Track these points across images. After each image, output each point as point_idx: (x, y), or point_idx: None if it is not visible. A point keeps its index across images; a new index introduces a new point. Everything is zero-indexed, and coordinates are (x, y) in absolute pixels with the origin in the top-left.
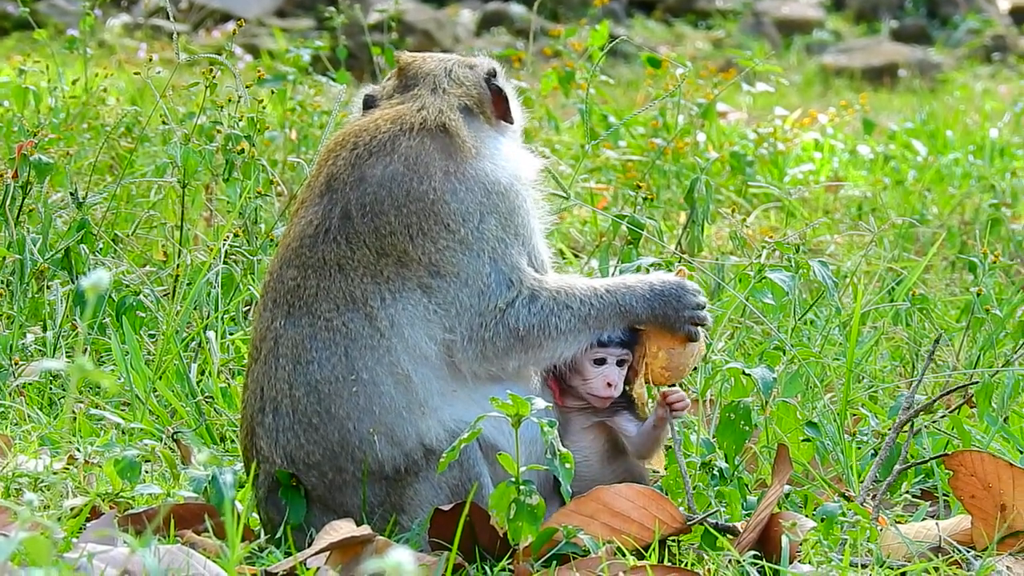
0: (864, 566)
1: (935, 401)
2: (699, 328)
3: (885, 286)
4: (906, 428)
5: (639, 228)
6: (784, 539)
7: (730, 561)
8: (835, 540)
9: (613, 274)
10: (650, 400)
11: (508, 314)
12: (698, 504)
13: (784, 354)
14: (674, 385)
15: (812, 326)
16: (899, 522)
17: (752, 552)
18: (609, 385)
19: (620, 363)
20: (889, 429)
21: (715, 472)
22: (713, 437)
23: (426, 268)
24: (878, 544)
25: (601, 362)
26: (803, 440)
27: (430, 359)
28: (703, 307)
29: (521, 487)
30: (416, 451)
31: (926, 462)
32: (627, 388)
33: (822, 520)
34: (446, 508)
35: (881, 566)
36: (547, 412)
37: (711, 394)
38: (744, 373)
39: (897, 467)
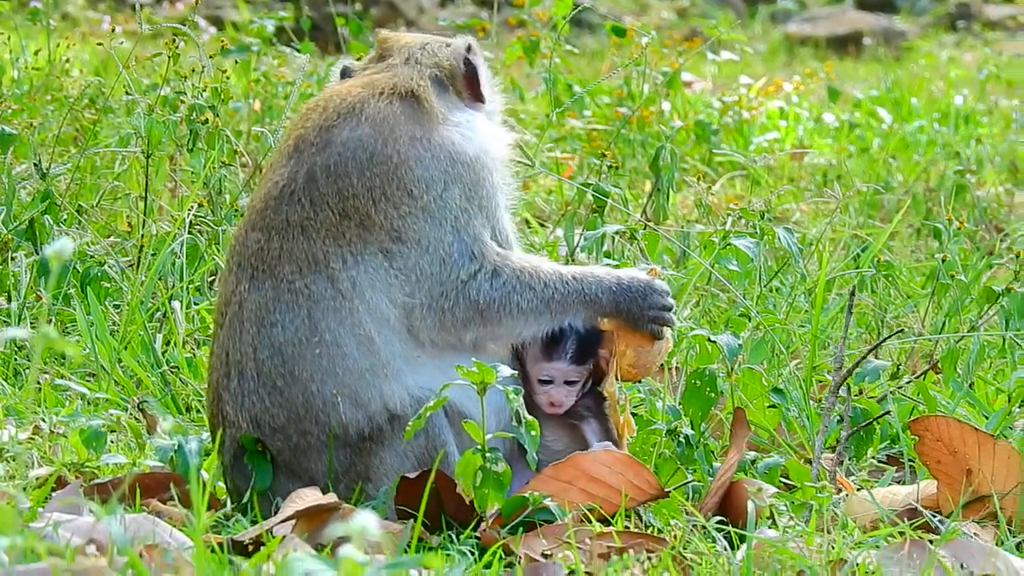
0: (830, 531)
1: (862, 359)
2: (663, 328)
3: (850, 253)
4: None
5: (604, 196)
6: (750, 504)
7: (694, 527)
8: (799, 507)
9: (579, 242)
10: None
11: (469, 286)
12: (665, 470)
13: (749, 321)
14: (640, 381)
15: (777, 293)
16: (865, 487)
17: (718, 518)
18: (552, 404)
19: (570, 382)
20: (855, 395)
21: (681, 439)
22: (679, 404)
23: (388, 233)
24: (843, 508)
25: (547, 382)
26: (769, 406)
27: (391, 323)
28: (669, 308)
29: (487, 454)
30: (380, 415)
31: (870, 422)
32: (598, 388)
33: (766, 473)
34: (412, 476)
35: (846, 530)
36: (513, 380)
37: (677, 361)
38: (710, 340)
39: (844, 433)
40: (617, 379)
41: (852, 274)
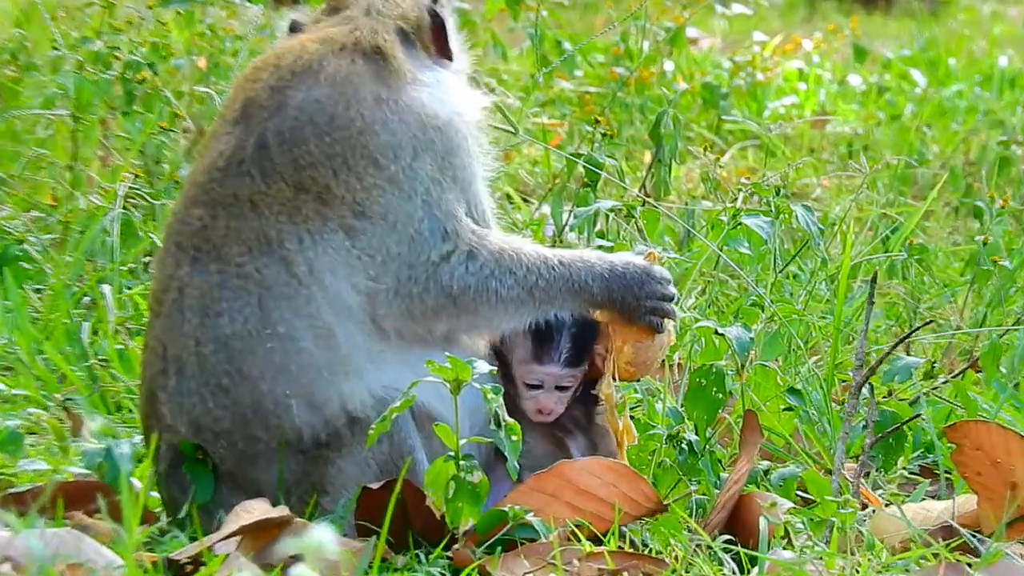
0: (854, 553)
1: (887, 354)
2: (663, 320)
3: (878, 235)
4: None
5: (597, 169)
6: (762, 520)
7: (698, 546)
8: (819, 525)
9: (568, 221)
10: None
11: (442, 269)
12: (664, 482)
13: (763, 311)
14: (639, 380)
15: (795, 280)
16: (894, 502)
17: (725, 536)
18: (540, 412)
19: (562, 388)
20: (883, 397)
21: (683, 446)
22: (681, 406)
23: (350, 207)
24: (868, 526)
25: (535, 387)
26: (784, 409)
27: (354, 312)
28: (670, 298)
29: (461, 462)
30: (338, 418)
31: (898, 427)
32: (593, 391)
33: (780, 485)
34: (375, 487)
35: (872, 551)
36: (491, 377)
37: (679, 357)
38: (717, 333)
39: (869, 440)
40: (614, 379)
41: (880, 259)
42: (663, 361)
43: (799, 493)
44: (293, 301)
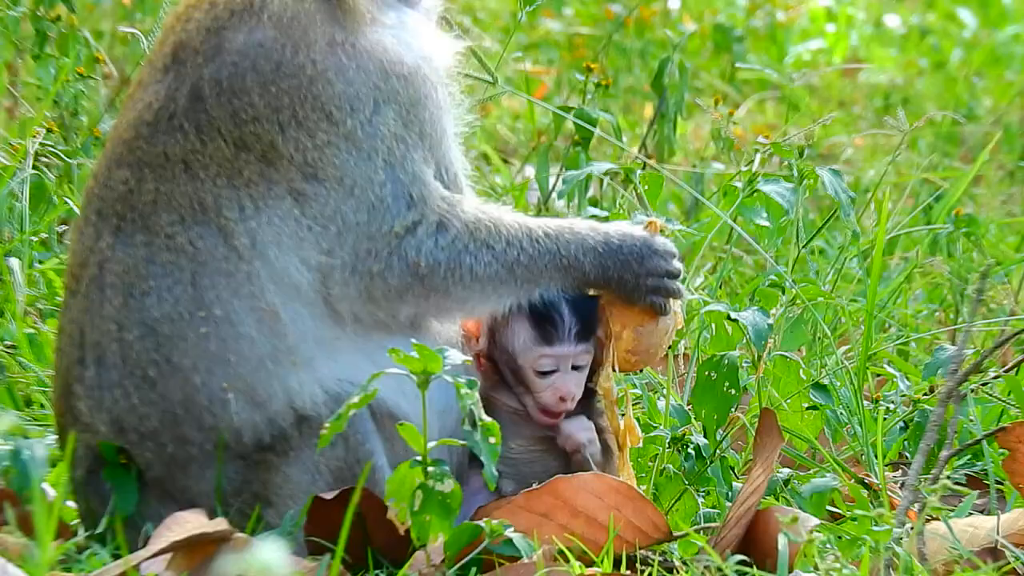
0: None
1: (985, 357)
2: (668, 301)
3: (920, 203)
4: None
5: (590, 125)
6: (781, 539)
7: (707, 568)
8: (849, 544)
9: (555, 185)
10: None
11: (406, 243)
12: (668, 492)
13: (783, 293)
14: (642, 371)
15: (821, 256)
16: (935, 518)
17: (739, 557)
18: (563, 400)
19: (577, 367)
20: (923, 394)
21: (690, 450)
22: (687, 403)
23: (299, 169)
24: (907, 545)
25: (548, 373)
26: (808, 408)
27: (303, 292)
28: (675, 275)
29: (429, 468)
30: (285, 417)
31: (976, 443)
32: (589, 383)
33: (811, 498)
34: (328, 497)
35: (910, 574)
36: (465, 369)
37: (685, 346)
38: (729, 318)
39: (944, 453)
40: (614, 370)
41: (922, 231)
42: (668, 349)
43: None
44: (232, 279)
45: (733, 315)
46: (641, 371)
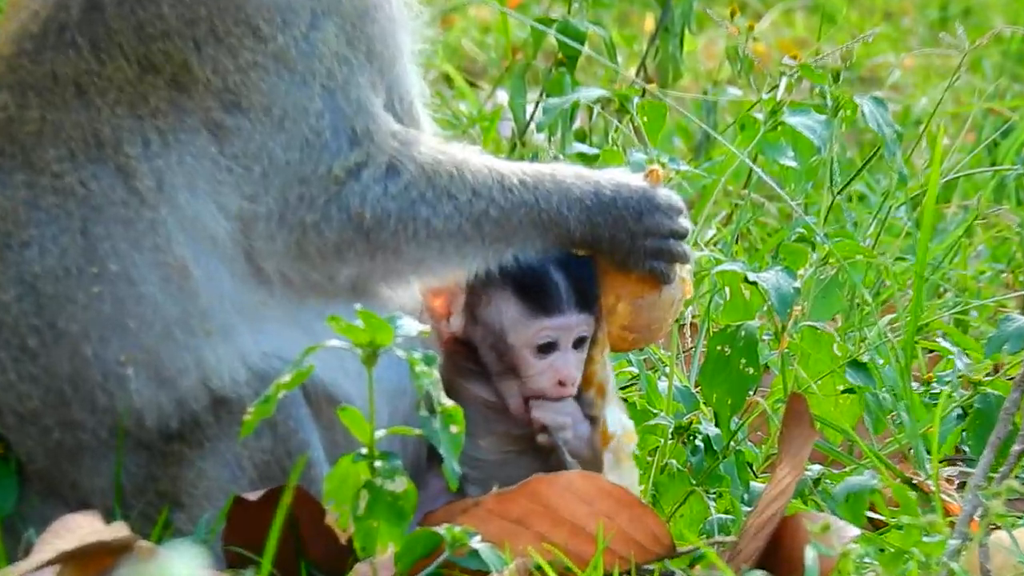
0: None
1: None
2: (671, 267)
3: (983, 139)
4: None
5: (576, 41)
6: (810, 552)
7: None
8: (893, 559)
9: (534, 115)
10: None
11: (349, 189)
12: (670, 495)
13: (813, 250)
14: (641, 351)
15: (861, 204)
16: (999, 527)
17: (759, 572)
18: (562, 384)
19: (578, 343)
20: (986, 375)
21: (698, 443)
22: (696, 385)
23: (218, 96)
24: (963, 560)
25: (548, 348)
26: (843, 391)
27: (221, 246)
28: (681, 235)
29: (377, 463)
30: (198, 398)
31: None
32: None
33: (846, 501)
34: (252, 497)
35: None
36: (423, 342)
37: (693, 314)
38: (748, 280)
39: (1017, 448)
40: (605, 355)
41: (985, 174)
42: (674, 324)
43: (868, 515)
44: (132, 227)
45: (752, 276)
46: (641, 351)
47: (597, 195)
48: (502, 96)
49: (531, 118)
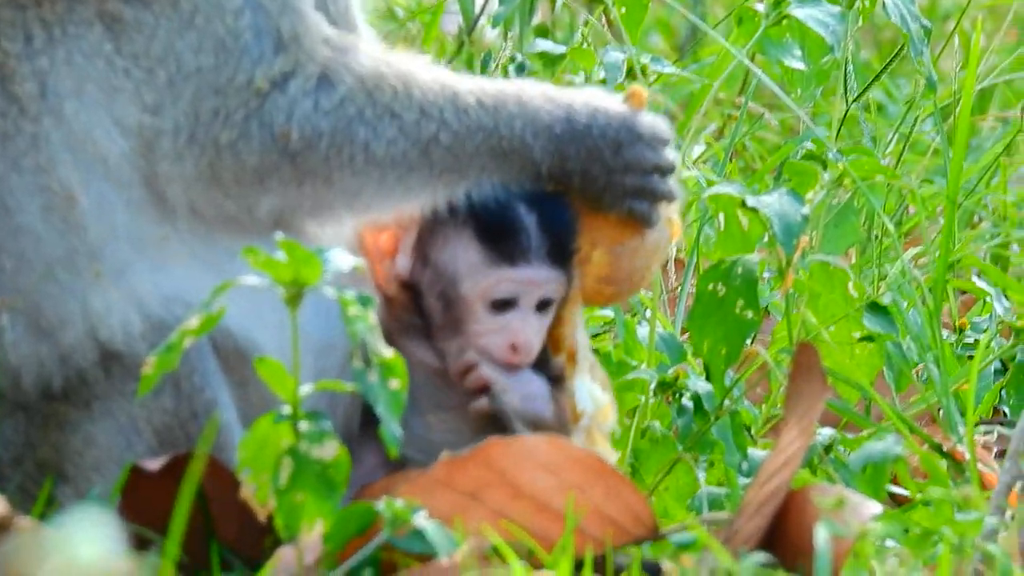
0: None
1: None
2: (654, 206)
3: None
4: None
5: None
6: (820, 532)
7: (713, 572)
8: (920, 540)
9: (485, 6)
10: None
11: (273, 103)
12: (652, 463)
13: (824, 169)
14: (622, 303)
15: (880, 115)
16: None
17: (760, 557)
18: (514, 349)
19: (543, 305)
20: None
21: (685, 401)
22: (683, 332)
23: None
24: (1004, 540)
25: (506, 304)
26: (860, 339)
27: (115, 168)
28: (665, 170)
29: (303, 425)
30: (85, 352)
31: None
32: None
33: (864, 472)
34: (152, 467)
35: None
36: (356, 279)
37: (680, 247)
38: (745, 205)
39: None
40: (578, 313)
41: None
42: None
43: (889, 489)
44: (9, 144)
45: (750, 201)
46: (623, 307)
47: (569, 121)
48: (452, 4)
49: (482, 11)
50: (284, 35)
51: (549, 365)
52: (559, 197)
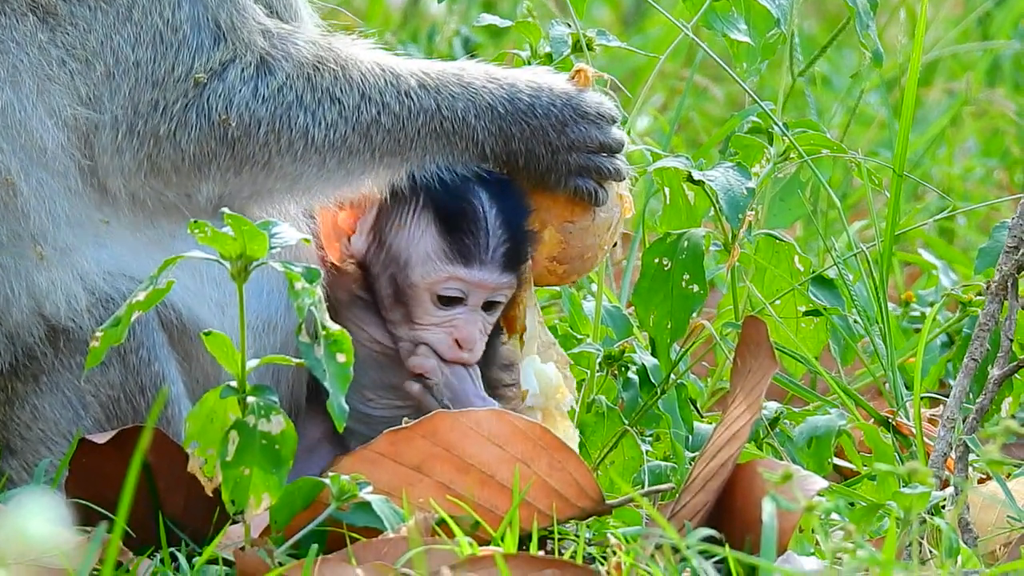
0: (925, 561)
1: None
2: (602, 185)
3: (972, 7)
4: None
5: None
6: (767, 506)
7: (659, 547)
8: (865, 514)
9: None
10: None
11: (212, 91)
12: (598, 437)
13: (770, 143)
14: (572, 284)
15: (825, 88)
16: (994, 473)
17: (707, 531)
18: (459, 345)
19: (490, 305)
20: (976, 295)
21: (631, 375)
22: (628, 305)
23: None
24: (951, 515)
25: (453, 301)
26: (806, 313)
27: (53, 159)
28: (614, 147)
29: (250, 398)
30: (31, 328)
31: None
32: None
33: (809, 446)
34: (99, 440)
35: (952, 558)
36: (304, 253)
37: (623, 222)
38: (691, 179)
39: (996, 372)
40: (531, 294)
41: (975, 50)
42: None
43: (834, 462)
44: None
45: (696, 175)
46: (573, 285)
47: (512, 101)
48: None
49: None
50: (222, 26)
51: (499, 353)
52: (520, 196)
